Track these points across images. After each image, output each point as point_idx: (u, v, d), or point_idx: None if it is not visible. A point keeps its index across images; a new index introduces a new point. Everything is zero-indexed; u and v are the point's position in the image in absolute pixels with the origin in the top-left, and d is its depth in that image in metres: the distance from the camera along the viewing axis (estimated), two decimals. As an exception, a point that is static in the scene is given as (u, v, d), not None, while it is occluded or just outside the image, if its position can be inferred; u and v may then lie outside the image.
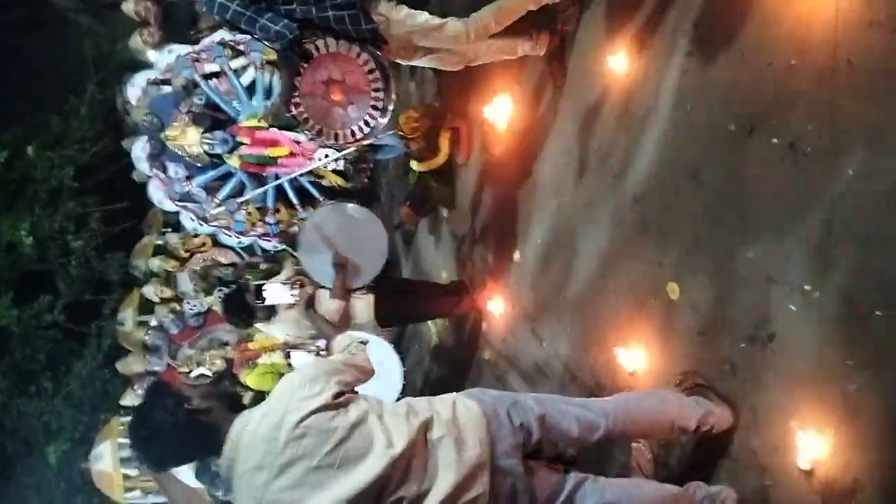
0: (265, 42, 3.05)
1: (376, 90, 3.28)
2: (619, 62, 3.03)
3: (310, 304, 2.64)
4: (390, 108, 3.40)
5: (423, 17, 3.17)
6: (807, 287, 2.10)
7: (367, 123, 3.36)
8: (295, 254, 4.18)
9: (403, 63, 3.65)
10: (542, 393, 2.38)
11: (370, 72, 3.24)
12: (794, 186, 2.16)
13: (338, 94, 3.26)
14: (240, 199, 6.22)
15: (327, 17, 3.05)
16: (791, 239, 2.17)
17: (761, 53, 2.27)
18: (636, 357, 2.83)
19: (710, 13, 2.52)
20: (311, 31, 3.12)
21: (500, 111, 4.07)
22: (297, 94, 3.24)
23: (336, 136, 3.41)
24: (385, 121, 3.45)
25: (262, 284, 2.72)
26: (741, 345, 2.32)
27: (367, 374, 2.19)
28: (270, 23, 2.99)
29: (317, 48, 3.15)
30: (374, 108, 3.33)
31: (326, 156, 5.50)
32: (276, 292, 2.72)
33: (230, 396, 2.04)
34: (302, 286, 2.65)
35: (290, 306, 3.46)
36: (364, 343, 2.40)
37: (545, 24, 3.50)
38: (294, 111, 3.30)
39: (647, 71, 2.88)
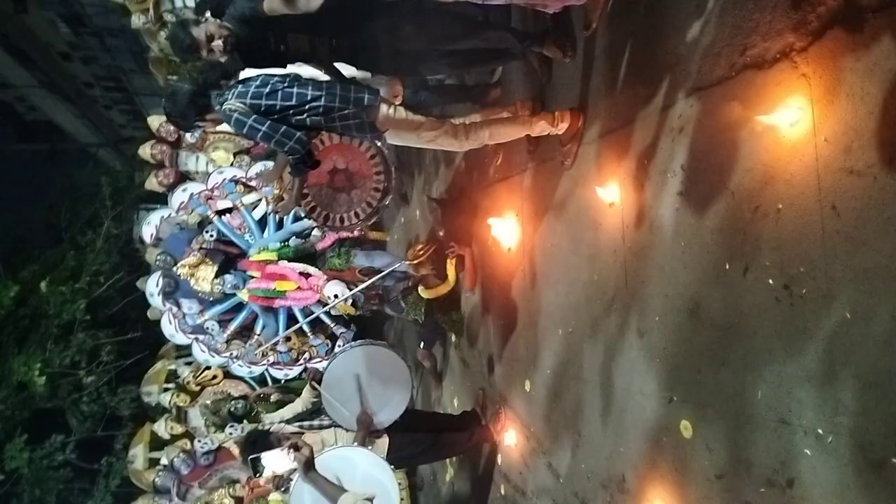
0: (276, 148, 3.25)
1: (377, 173, 3.52)
2: (612, 196, 3.13)
3: (309, 465, 2.61)
4: (391, 190, 3.62)
5: (421, 125, 3.32)
6: (819, 431, 2.06)
7: (369, 205, 3.58)
8: (317, 387, 4.10)
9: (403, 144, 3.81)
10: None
11: (372, 157, 3.49)
12: (792, 327, 2.17)
13: (342, 181, 3.49)
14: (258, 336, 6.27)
15: (335, 126, 3.26)
16: (796, 380, 2.15)
17: (750, 196, 2.34)
18: (657, 501, 2.74)
19: (698, 156, 2.61)
20: (318, 134, 3.33)
21: (504, 237, 4.16)
22: (304, 186, 3.45)
23: (342, 220, 3.61)
24: (387, 202, 3.66)
25: (258, 457, 2.69)
26: (761, 489, 2.25)
27: None
28: (285, 137, 3.19)
29: (322, 142, 3.35)
30: (376, 189, 3.56)
31: (336, 296, 5.59)
32: (274, 461, 2.69)
33: None
34: (297, 449, 2.62)
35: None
36: (370, 500, 2.36)
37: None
38: (302, 202, 3.50)
39: (641, 207, 2.96)
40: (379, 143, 3.48)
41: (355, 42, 2.97)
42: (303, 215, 3.88)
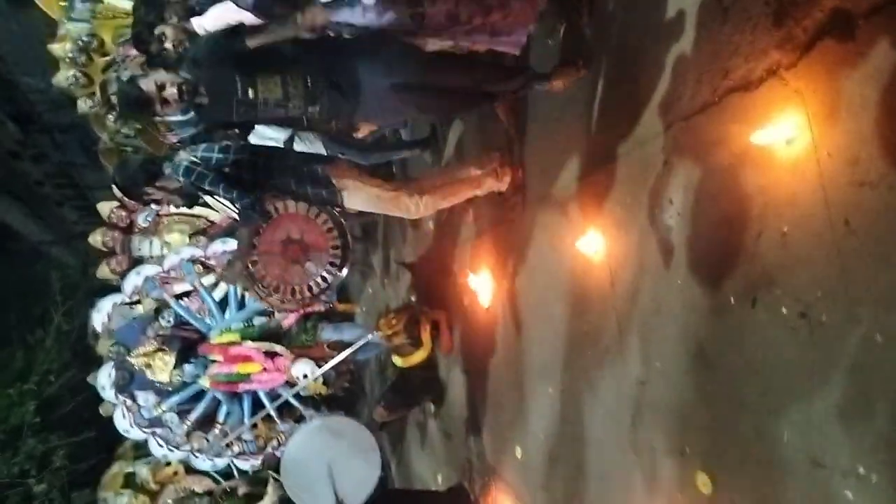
0: (229, 204, 3.08)
1: (334, 247, 3.44)
2: (595, 242, 2.98)
3: None
4: (347, 263, 3.54)
5: (380, 193, 3.26)
6: (861, 470, 1.85)
7: (324, 279, 3.48)
8: (278, 478, 3.81)
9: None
10: None
11: (328, 230, 3.40)
12: (814, 358, 1.99)
13: (295, 252, 3.36)
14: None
15: (289, 182, 3.15)
16: (826, 417, 1.95)
17: (750, 223, 2.20)
18: (677, 567, 2.47)
19: (688, 188, 2.48)
20: (272, 194, 3.22)
21: (481, 296, 3.98)
22: (254, 253, 3.33)
23: (293, 292, 3.49)
24: (342, 276, 3.55)
25: None
26: (799, 544, 2.02)
27: None
28: (235, 186, 3.07)
29: (276, 209, 3.23)
30: (332, 264, 3.46)
31: (305, 376, 5.29)
32: None
33: None
34: None
35: None
36: None
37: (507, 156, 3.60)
38: (252, 269, 3.35)
39: (628, 249, 2.81)
40: (335, 207, 3.36)
41: (336, 80, 2.84)
42: (248, 287, 3.71)
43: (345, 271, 3.67)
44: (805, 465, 2.01)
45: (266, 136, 3.62)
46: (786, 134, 2.05)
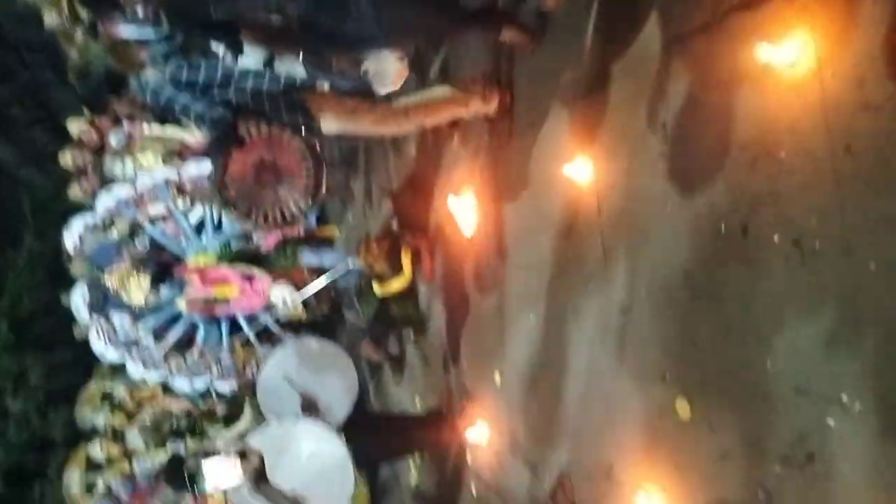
0: (199, 126, 2.97)
1: (307, 171, 3.33)
2: (583, 166, 2.90)
3: (260, 476, 2.26)
4: (322, 189, 3.45)
5: (353, 104, 3.15)
6: (844, 398, 1.85)
7: (297, 205, 3.39)
8: (255, 400, 3.81)
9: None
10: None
11: (302, 154, 3.30)
12: (804, 286, 1.96)
13: (268, 176, 3.27)
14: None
15: (264, 107, 3.04)
16: (812, 344, 1.94)
17: (746, 148, 2.13)
18: (652, 488, 2.51)
19: (682, 111, 2.40)
20: (244, 116, 3.10)
21: (464, 223, 3.91)
22: (226, 176, 3.24)
23: (265, 217, 3.41)
24: (317, 200, 3.47)
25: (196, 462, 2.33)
26: (775, 468, 2.04)
27: None
28: (205, 109, 2.98)
29: (249, 133, 3.12)
30: (306, 187, 3.36)
31: (284, 300, 5.22)
32: (217, 471, 2.32)
33: None
34: (244, 457, 2.27)
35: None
36: None
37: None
38: (223, 193, 3.27)
39: (617, 174, 2.74)
40: (310, 133, 3.24)
41: None
42: (221, 209, 3.63)
43: (319, 196, 3.55)
44: (788, 392, 2.01)
45: (243, 61, 3.45)
46: (789, 54, 1.96)
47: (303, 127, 3.15)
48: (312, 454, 3.51)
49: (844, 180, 1.84)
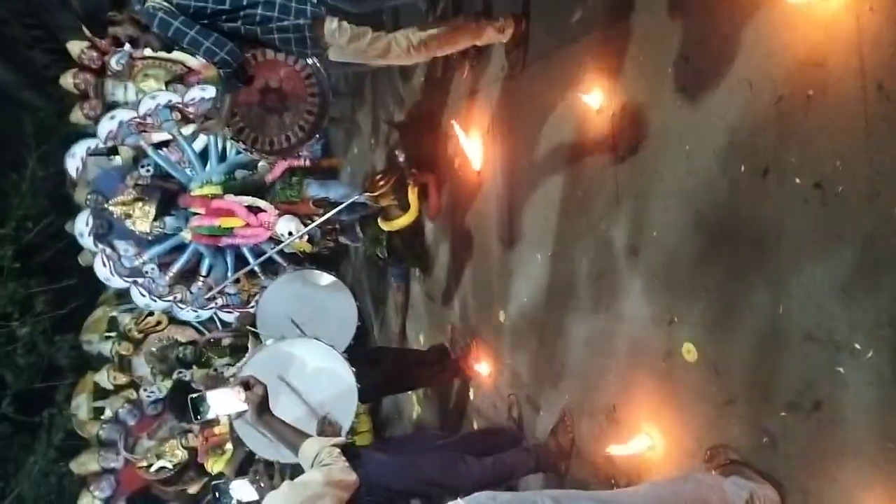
0: (204, 59, 2.90)
1: (312, 95, 3.29)
2: (598, 101, 2.80)
3: (263, 406, 2.26)
4: (326, 116, 3.42)
5: (366, 40, 3.07)
6: (857, 346, 1.81)
7: (302, 129, 3.36)
8: (256, 331, 3.82)
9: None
10: (558, 490, 2.05)
11: (307, 77, 3.24)
12: (824, 231, 1.90)
13: (274, 101, 3.23)
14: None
15: (272, 38, 2.97)
16: (827, 291, 1.90)
17: (771, 85, 2.03)
18: (653, 430, 2.51)
19: (704, 43, 2.28)
20: (252, 47, 3.06)
21: (472, 158, 3.82)
22: (234, 105, 3.19)
23: (271, 143, 3.38)
24: (322, 126, 3.44)
25: (200, 393, 2.33)
26: (781, 414, 2.02)
27: (349, 487, 1.85)
28: (215, 46, 2.89)
29: (255, 58, 3.06)
30: (310, 112, 3.32)
31: (290, 233, 5.16)
32: (220, 401, 2.32)
33: None
34: (249, 387, 2.26)
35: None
36: (337, 446, 2.07)
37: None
38: (230, 119, 3.31)
39: (635, 109, 2.64)
40: (317, 62, 3.14)
41: None
42: (229, 136, 3.58)
43: (324, 122, 3.51)
44: (798, 338, 1.97)
45: None
46: (825, -15, 1.85)
47: (311, 55, 3.06)
48: (316, 370, 3.54)
49: (874, 121, 1.76)
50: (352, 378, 3.46)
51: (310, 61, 3.25)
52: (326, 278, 4.22)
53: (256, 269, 5.88)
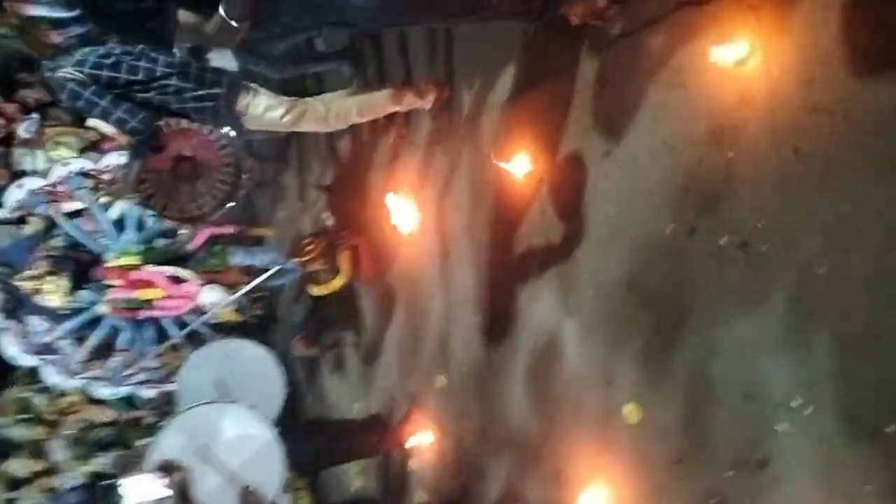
0: (119, 130, 2.83)
1: (226, 164, 3.25)
2: (521, 165, 2.83)
3: (183, 493, 2.11)
4: (240, 183, 3.38)
5: (282, 110, 3.06)
6: (793, 404, 1.83)
7: (214, 198, 3.29)
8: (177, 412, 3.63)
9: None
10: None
11: (221, 146, 3.20)
12: (751, 289, 1.94)
13: (186, 169, 3.16)
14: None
15: (186, 108, 2.95)
16: (760, 348, 1.92)
17: (692, 148, 2.09)
18: (603, 494, 2.46)
19: (626, 110, 2.34)
20: (165, 116, 3.02)
21: (403, 220, 3.79)
22: (143, 169, 3.11)
23: (181, 211, 3.29)
24: (235, 196, 3.40)
25: (116, 482, 2.14)
26: (727, 473, 2.01)
27: None
28: (126, 115, 2.85)
29: (168, 125, 3.07)
30: (223, 182, 3.27)
31: (214, 303, 4.97)
32: (137, 489, 2.13)
33: None
34: (170, 473, 2.10)
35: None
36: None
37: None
38: (140, 186, 3.23)
39: (556, 173, 2.68)
40: (236, 129, 3.12)
41: None
42: (136, 202, 3.52)
43: (238, 193, 3.45)
44: (736, 396, 1.99)
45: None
46: (736, 52, 1.93)
47: (228, 125, 3.03)
48: (237, 437, 3.45)
49: (792, 182, 1.82)
50: (275, 441, 3.33)
51: (224, 130, 3.20)
52: (250, 347, 4.08)
53: (179, 341, 5.61)
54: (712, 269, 2.05)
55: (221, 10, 2.15)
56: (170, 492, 2.92)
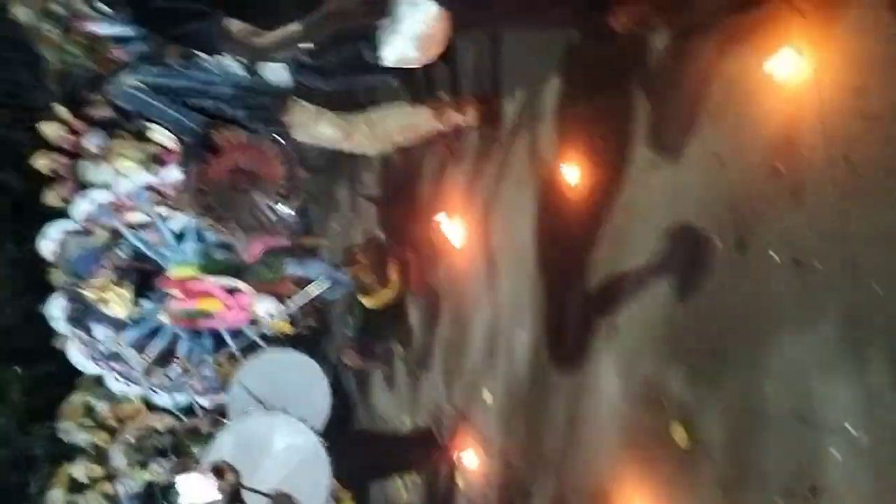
0: (174, 134, 2.92)
1: (284, 178, 3.28)
2: (572, 174, 2.79)
3: (235, 497, 2.15)
4: (296, 195, 3.40)
5: (329, 128, 3.15)
6: (848, 427, 1.73)
7: (272, 209, 3.32)
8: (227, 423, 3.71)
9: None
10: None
11: (279, 160, 3.25)
12: (805, 307, 1.85)
13: (244, 182, 3.22)
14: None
15: (239, 114, 3.04)
16: (813, 369, 1.83)
17: (741, 158, 2.02)
18: (647, 517, 2.38)
19: (673, 118, 2.28)
20: (220, 124, 3.08)
21: (453, 233, 3.79)
22: (202, 182, 3.17)
23: (239, 223, 3.36)
24: (292, 209, 3.44)
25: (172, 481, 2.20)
26: (778, 501, 1.92)
27: None
28: (181, 115, 2.96)
29: (227, 140, 3.14)
30: (280, 195, 3.31)
31: (271, 315, 5.07)
32: (193, 488, 2.19)
33: None
34: (222, 476, 2.14)
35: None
36: None
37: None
38: (198, 199, 3.29)
39: (608, 183, 2.63)
40: (284, 141, 3.20)
41: None
42: (194, 213, 3.60)
43: (295, 203, 3.50)
44: (789, 419, 1.89)
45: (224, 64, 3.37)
46: (785, 60, 1.86)
47: (278, 133, 3.10)
48: (286, 447, 3.50)
49: (843, 193, 1.73)
50: (322, 452, 3.36)
51: (280, 142, 3.27)
52: (299, 357, 4.15)
53: (237, 353, 5.74)
54: (763, 285, 1.97)
55: (296, 30, 2.21)
56: (220, 495, 2.97)
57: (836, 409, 1.77)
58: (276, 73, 3.45)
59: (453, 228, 3.80)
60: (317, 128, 3.12)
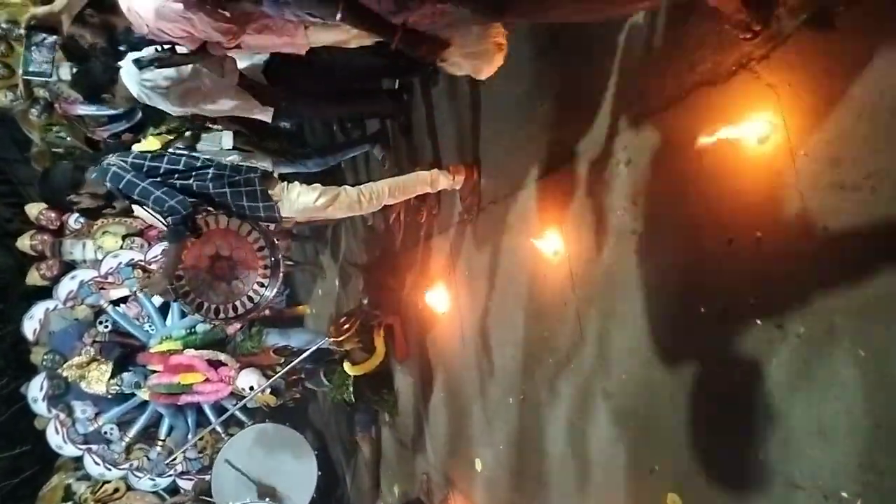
0: (157, 215, 3.02)
1: (264, 267, 3.30)
2: (554, 244, 2.81)
3: None
4: (276, 285, 3.41)
5: (314, 195, 3.17)
6: (844, 494, 1.72)
7: (250, 300, 3.33)
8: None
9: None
10: None
11: (259, 249, 3.27)
12: (792, 373, 1.85)
13: (223, 268, 3.23)
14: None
15: (224, 192, 3.05)
16: (804, 435, 1.82)
17: (720, 227, 2.05)
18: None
19: (652, 189, 2.33)
20: (204, 206, 3.12)
21: (437, 300, 3.79)
22: (180, 267, 3.21)
23: (217, 311, 3.34)
24: (270, 296, 3.45)
25: None
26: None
27: None
28: (165, 196, 2.95)
29: (207, 224, 3.18)
30: (260, 284, 3.32)
31: (251, 388, 5.00)
32: None
33: None
34: None
35: None
36: None
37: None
38: (175, 284, 3.29)
39: (590, 252, 2.65)
40: (273, 221, 3.23)
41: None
42: (172, 299, 3.60)
43: (273, 292, 3.53)
44: (783, 485, 1.88)
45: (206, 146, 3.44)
46: (758, 132, 1.91)
47: (264, 217, 3.13)
48: None
49: (824, 261, 1.76)
50: None
51: (261, 229, 3.32)
52: (282, 431, 4.08)
53: (219, 429, 5.61)
54: (749, 350, 1.97)
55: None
56: None
57: (831, 474, 1.75)
58: (261, 161, 3.52)
59: (437, 295, 3.80)
60: (303, 197, 3.13)
